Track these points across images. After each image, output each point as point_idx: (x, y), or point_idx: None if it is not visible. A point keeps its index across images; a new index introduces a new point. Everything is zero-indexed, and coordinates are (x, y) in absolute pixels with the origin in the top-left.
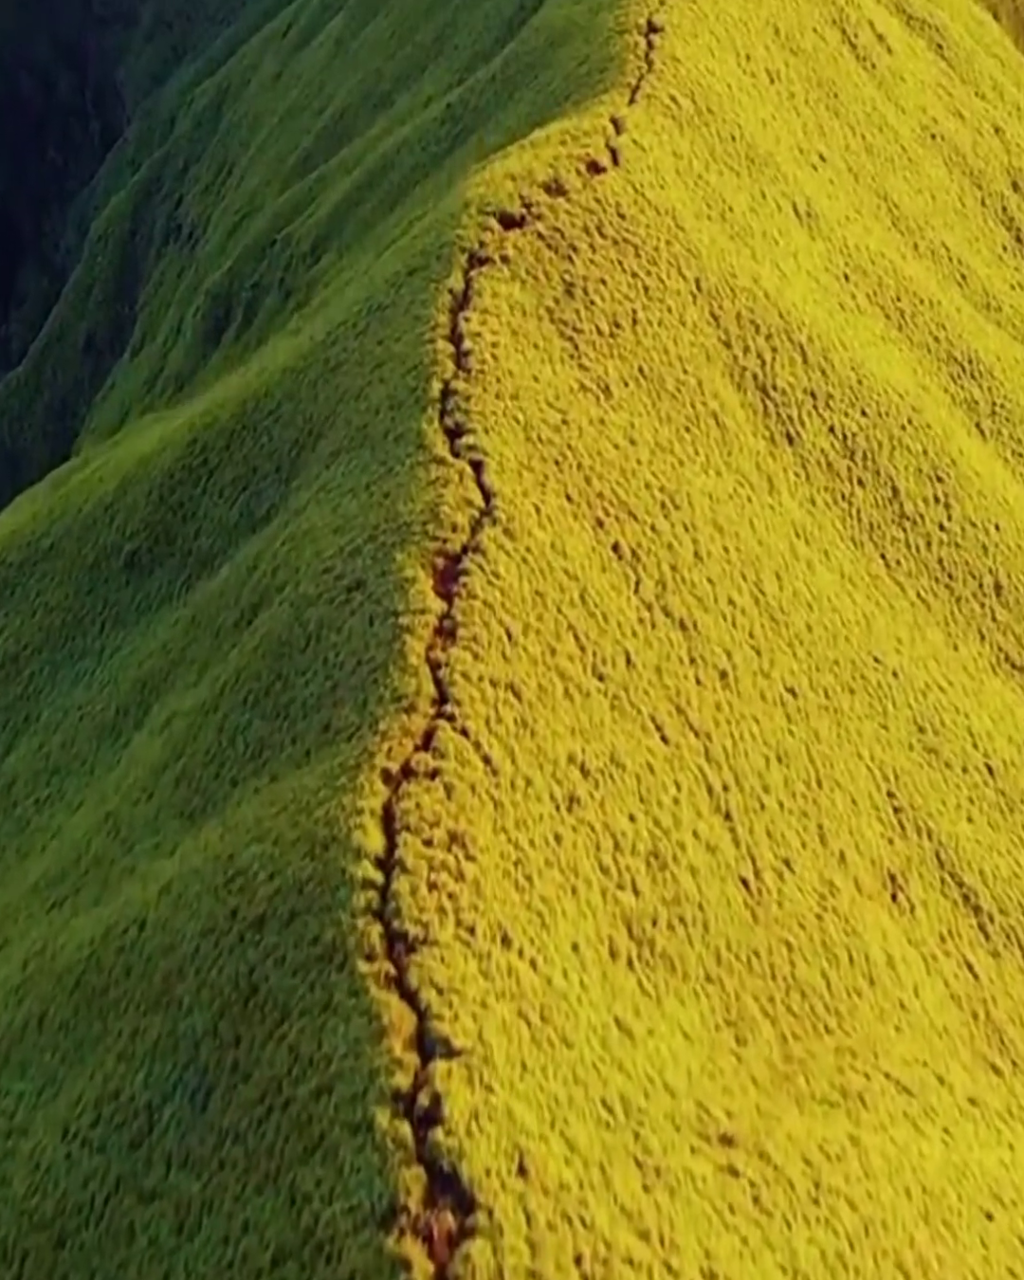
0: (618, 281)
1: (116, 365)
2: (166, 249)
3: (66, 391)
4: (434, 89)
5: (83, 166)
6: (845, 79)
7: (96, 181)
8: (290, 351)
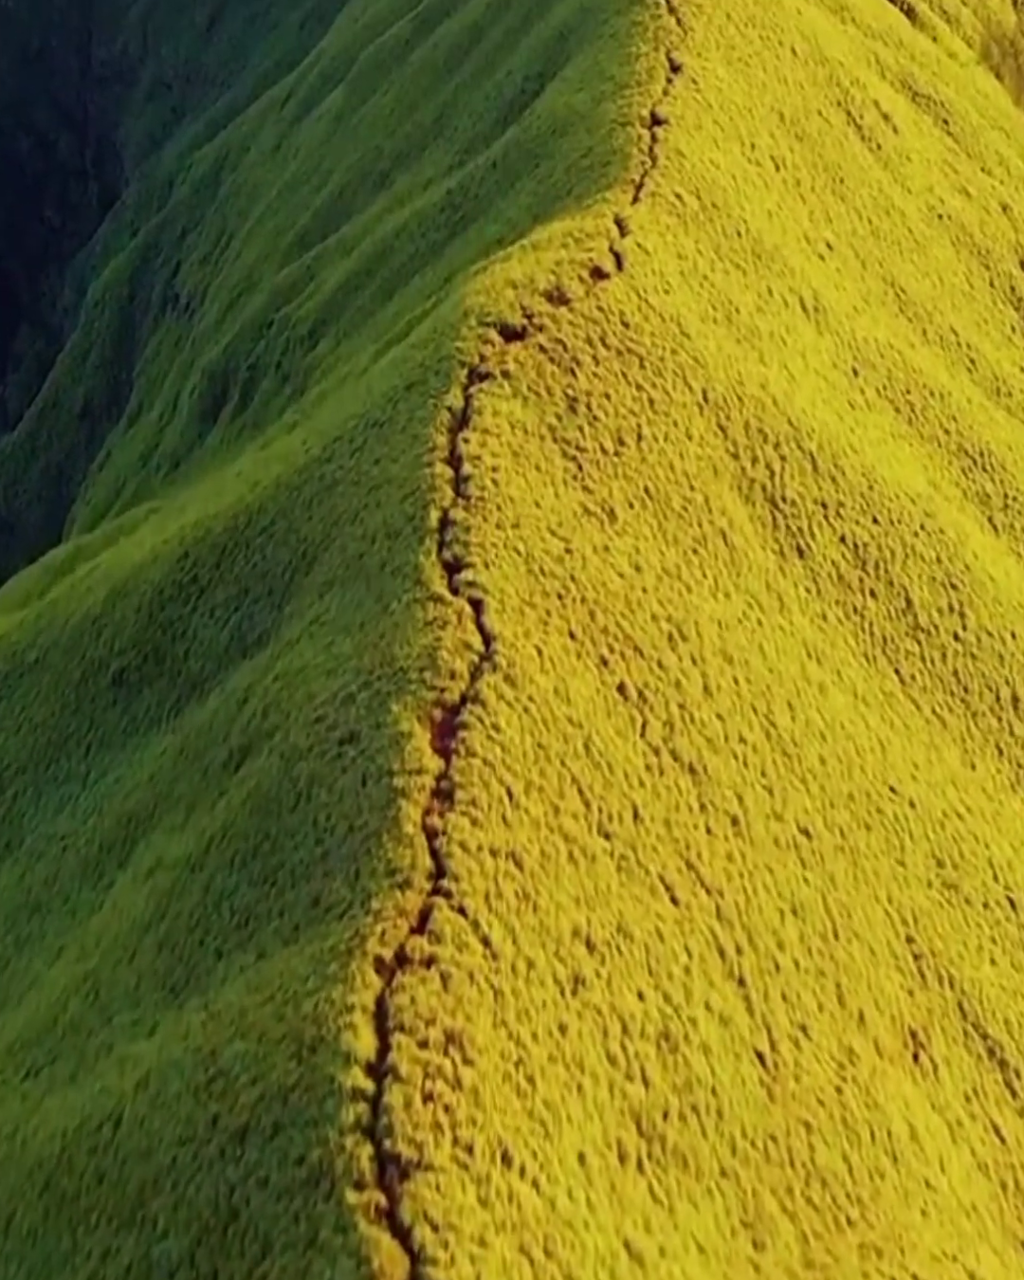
0: (622, 395)
1: (112, 432)
2: (164, 317)
3: (62, 457)
4: (434, 170)
5: (81, 227)
6: (851, 162)
7: (95, 243)
8: (285, 463)
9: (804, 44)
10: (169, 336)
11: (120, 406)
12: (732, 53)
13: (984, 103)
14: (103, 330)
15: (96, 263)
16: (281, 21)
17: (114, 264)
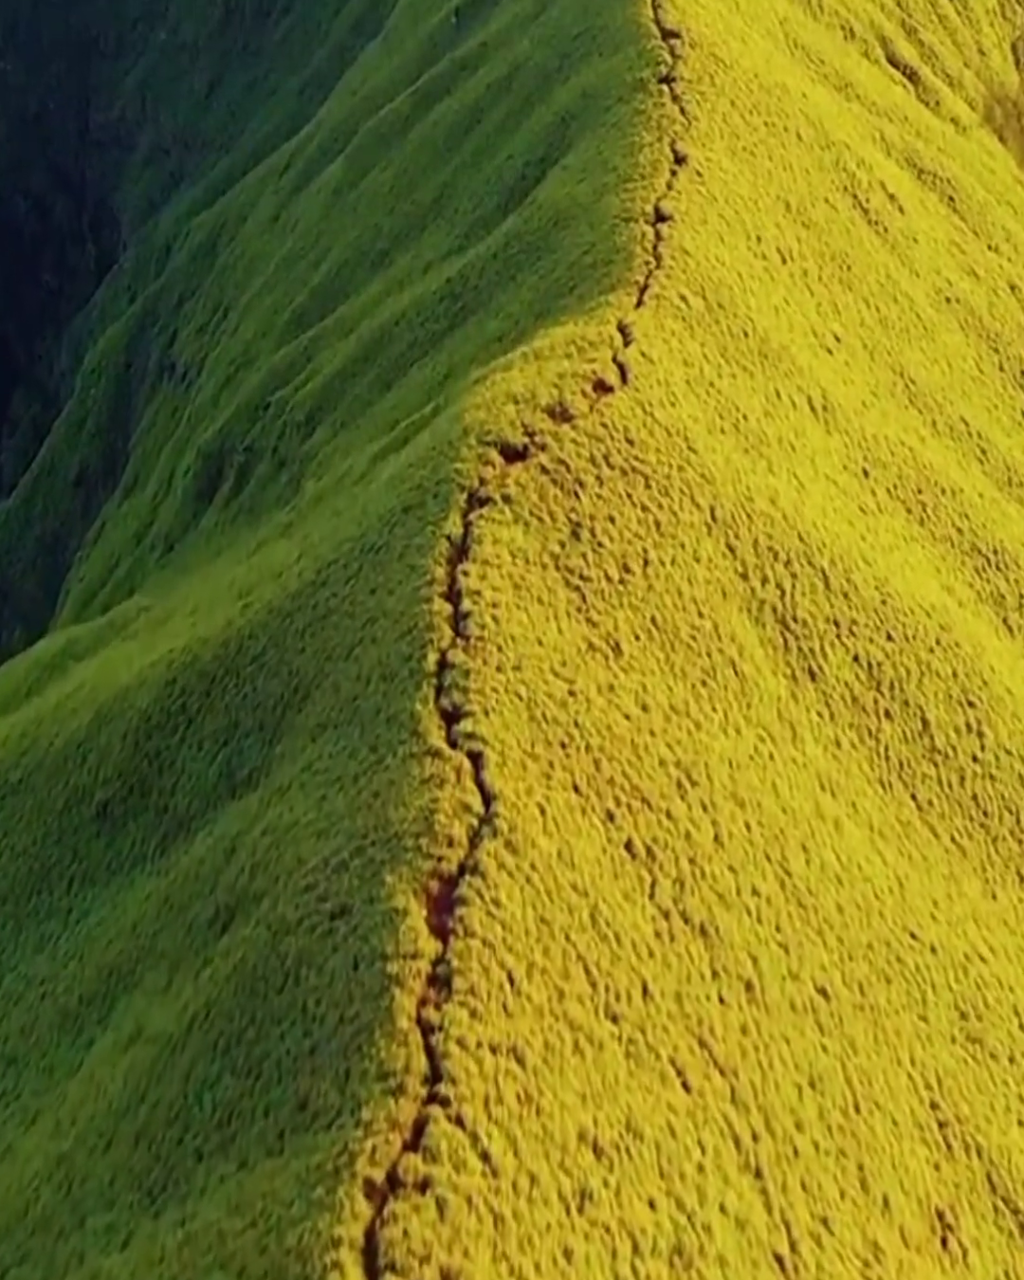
0: (628, 518)
1: (108, 503)
2: (160, 386)
3: (57, 525)
4: (433, 254)
5: (78, 290)
6: (858, 248)
7: (92, 307)
8: (278, 585)
9: (809, 128)
10: (165, 406)
11: (116, 475)
12: (737, 142)
13: (990, 177)
14: (99, 398)
15: (94, 327)
16: (281, 87)
17: (110, 331)
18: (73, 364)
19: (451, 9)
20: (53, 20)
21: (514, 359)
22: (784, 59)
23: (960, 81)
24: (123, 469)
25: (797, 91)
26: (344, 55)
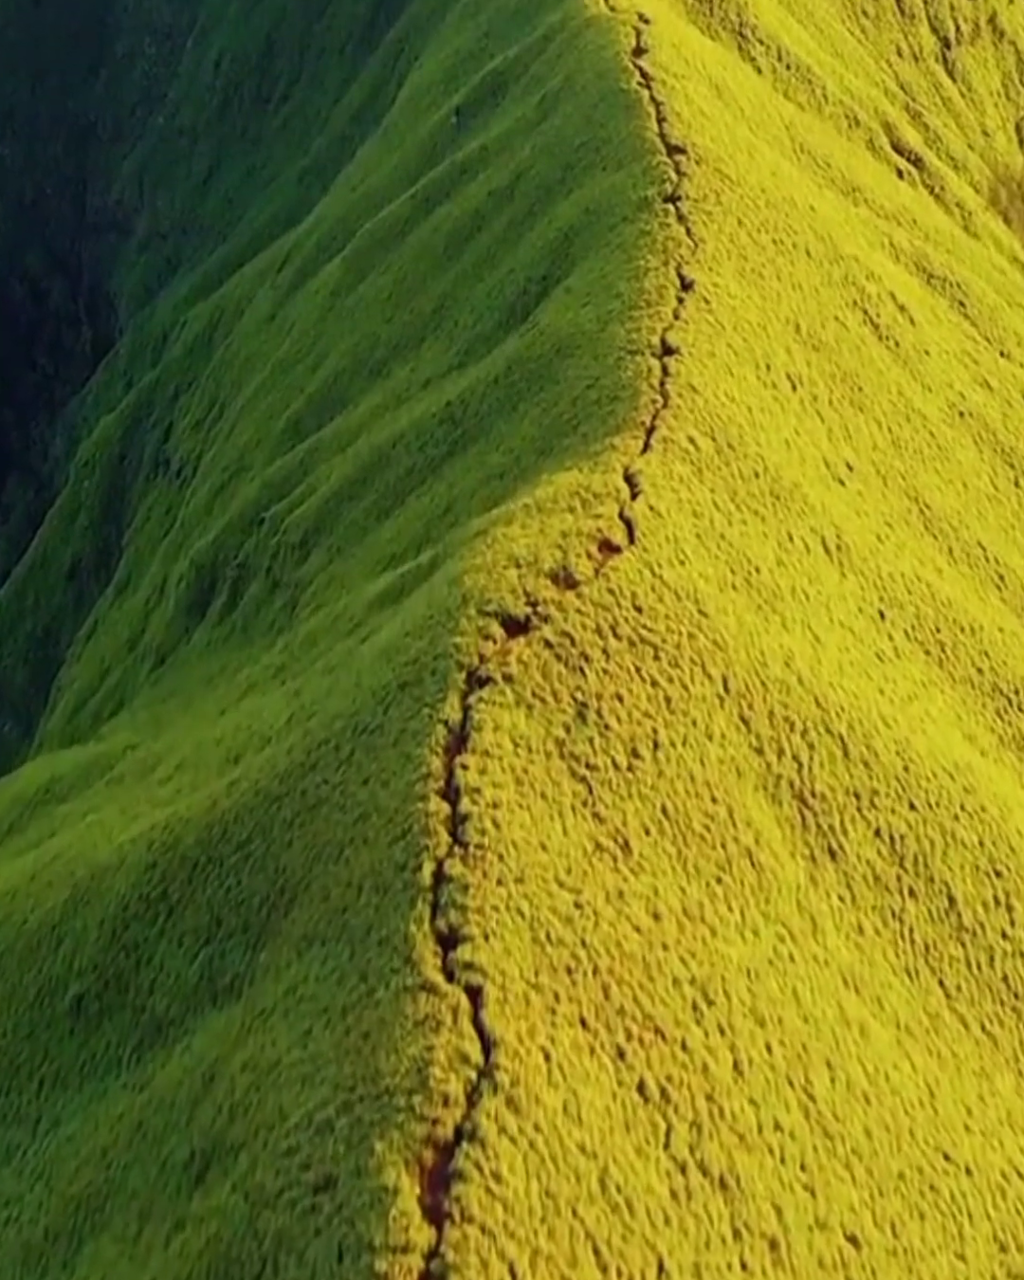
0: (636, 695)
1: (101, 600)
2: (155, 481)
3: (49, 618)
4: (433, 369)
5: (73, 375)
6: (870, 366)
7: (87, 393)
8: (266, 767)
9: (818, 243)
10: (159, 503)
11: (109, 568)
12: (745, 263)
13: (1000, 278)
14: (92, 490)
15: (89, 414)
16: (280, 175)
17: (105, 421)
18: (67, 450)
19: (452, 108)
20: (50, 104)
21: (516, 511)
22: (791, 166)
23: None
24: (116, 563)
25: (804, 204)
26: (344, 144)
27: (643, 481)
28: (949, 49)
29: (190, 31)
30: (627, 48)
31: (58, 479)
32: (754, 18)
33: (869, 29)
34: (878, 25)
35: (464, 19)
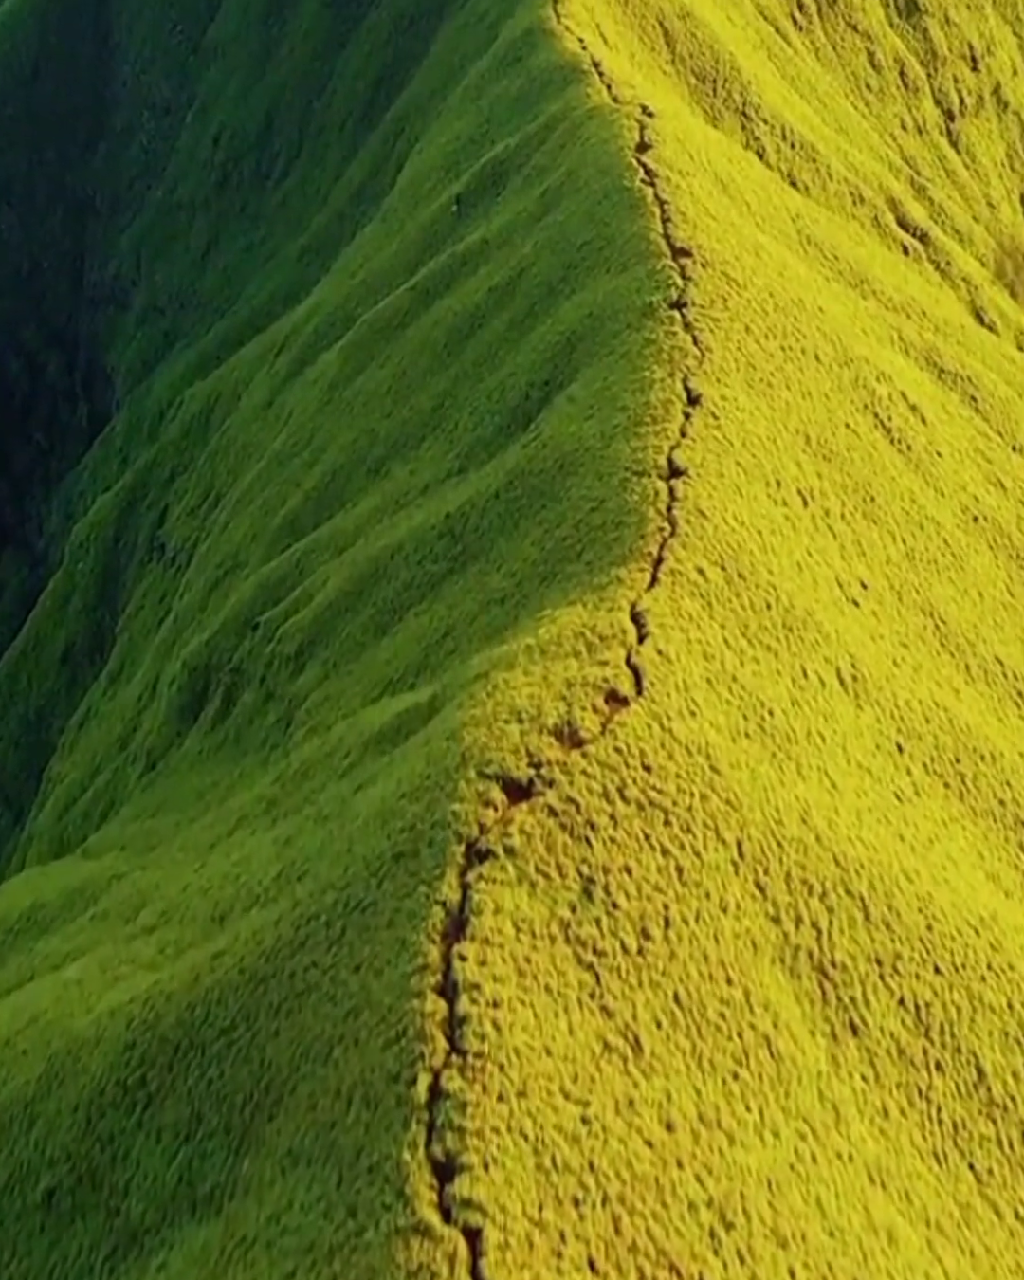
0: (646, 866)
1: (93, 687)
2: (149, 566)
3: (42, 702)
4: (432, 473)
5: (69, 449)
6: (882, 474)
7: (83, 469)
8: (250, 940)
9: (827, 345)
10: (153, 589)
11: (102, 652)
12: (753, 373)
13: (1011, 368)
14: (86, 573)
15: (84, 490)
16: (279, 251)
17: (100, 502)
18: (62, 526)
19: (452, 196)
20: (48, 177)
21: (517, 652)
22: (798, 261)
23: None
24: (109, 649)
25: (813, 305)
26: (343, 222)
27: (650, 621)
28: (953, 121)
29: (189, 106)
30: (630, 142)
31: (52, 555)
32: (757, 97)
33: (873, 103)
34: (881, 99)
35: (465, 103)
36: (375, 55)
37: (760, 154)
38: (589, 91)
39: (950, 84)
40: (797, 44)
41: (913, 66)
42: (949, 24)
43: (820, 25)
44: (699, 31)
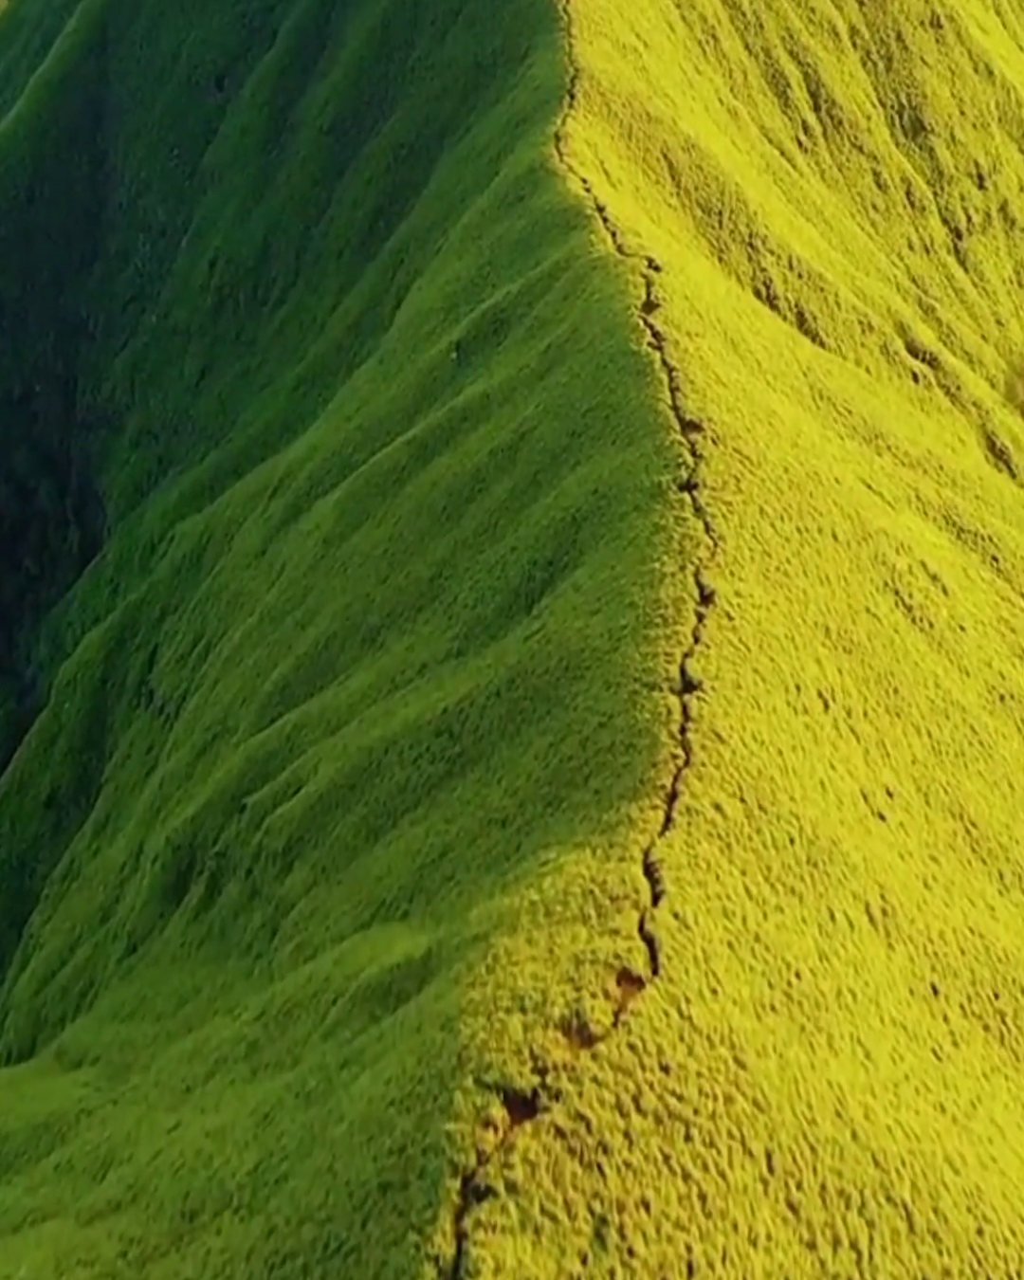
0: (666, 1197)
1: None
2: (137, 711)
3: (25, 846)
4: (430, 651)
5: (59, 575)
6: (904, 660)
7: (72, 599)
8: (218, 1263)
9: (845, 522)
10: (141, 738)
11: (88, 797)
12: (768, 562)
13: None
14: (73, 713)
15: (73, 620)
16: (275, 380)
17: (88, 639)
18: (51, 654)
19: (452, 343)
20: (41, 300)
21: (521, 911)
22: (811, 421)
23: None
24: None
25: (828, 477)
26: (341, 353)
27: (665, 874)
28: (960, 239)
29: (185, 231)
30: (636, 300)
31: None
32: (764, 227)
33: (879, 223)
34: (888, 219)
35: (465, 242)
36: (374, 184)
37: (767, 284)
38: (593, 239)
39: (957, 202)
40: (802, 166)
41: (919, 185)
42: (955, 142)
43: (826, 147)
44: (704, 163)
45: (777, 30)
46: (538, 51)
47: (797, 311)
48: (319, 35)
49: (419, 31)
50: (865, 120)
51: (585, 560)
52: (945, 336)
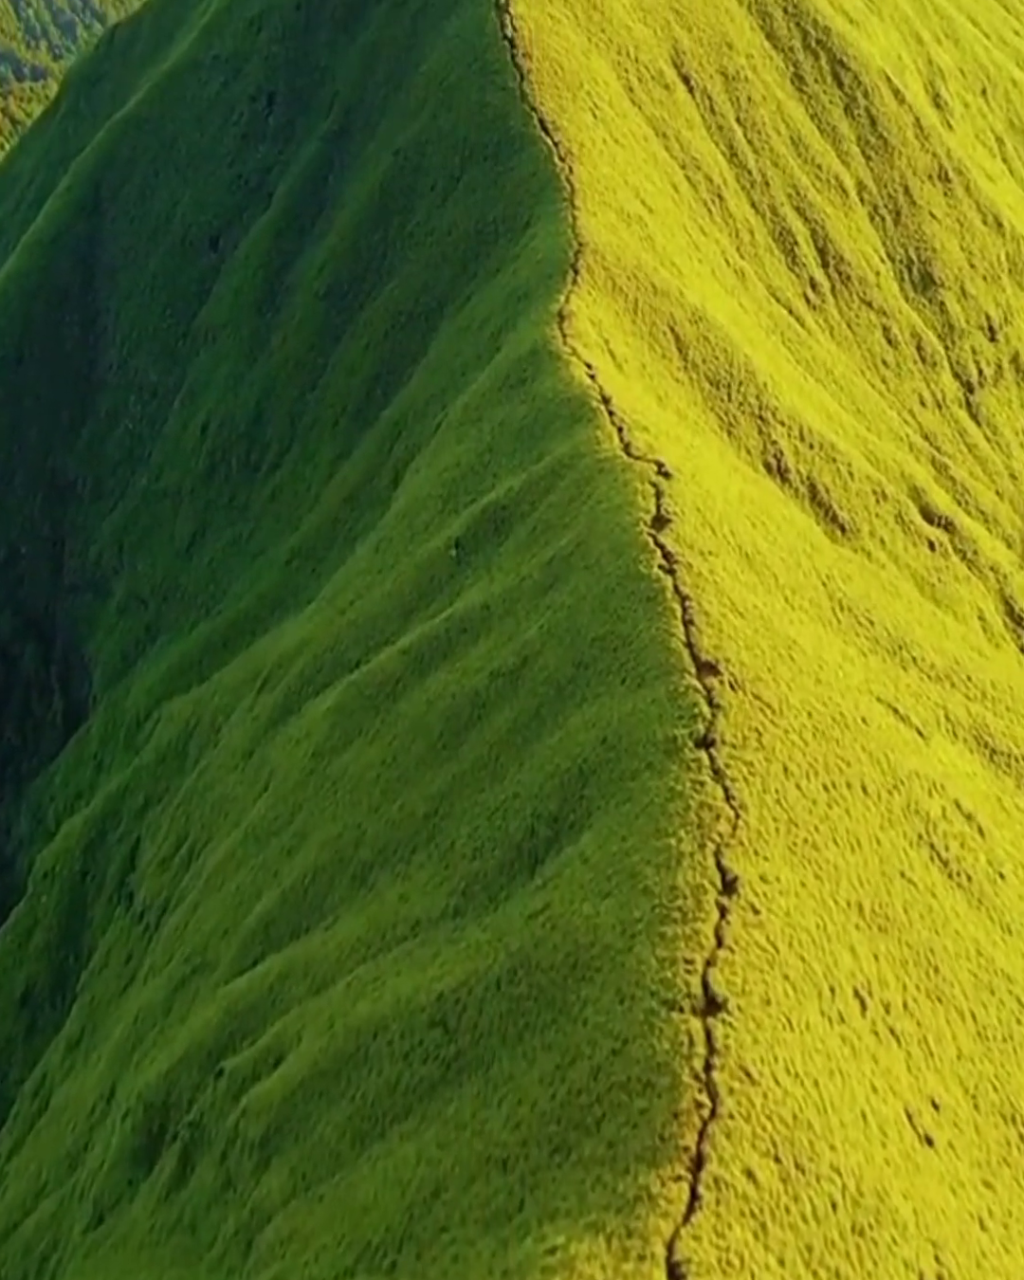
0: None
1: (51, 1047)
2: (117, 913)
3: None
4: (425, 906)
5: (43, 746)
6: (944, 930)
7: (54, 771)
8: None
9: (874, 770)
10: (119, 946)
11: (64, 997)
12: (795, 833)
13: None
14: (51, 907)
15: (56, 794)
16: (267, 550)
17: (68, 828)
18: (31, 831)
19: (451, 539)
20: (29, 460)
21: None
22: (834, 641)
23: (996, 517)
24: (71, 1003)
25: (855, 717)
26: (336, 527)
27: (691, 1278)
28: (972, 393)
29: (177, 392)
30: (645, 514)
31: (19, 862)
32: (774, 398)
33: (890, 379)
34: (899, 375)
35: (465, 424)
36: (371, 351)
37: (778, 456)
38: (598, 435)
39: (969, 355)
40: (811, 325)
41: (930, 340)
42: (965, 295)
43: (834, 303)
44: (712, 334)
45: (783, 187)
46: (540, 222)
47: (809, 484)
48: (316, 197)
49: (418, 196)
50: (874, 275)
51: (593, 823)
52: (960, 496)
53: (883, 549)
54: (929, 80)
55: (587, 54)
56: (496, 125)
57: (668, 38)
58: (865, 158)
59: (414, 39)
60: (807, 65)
